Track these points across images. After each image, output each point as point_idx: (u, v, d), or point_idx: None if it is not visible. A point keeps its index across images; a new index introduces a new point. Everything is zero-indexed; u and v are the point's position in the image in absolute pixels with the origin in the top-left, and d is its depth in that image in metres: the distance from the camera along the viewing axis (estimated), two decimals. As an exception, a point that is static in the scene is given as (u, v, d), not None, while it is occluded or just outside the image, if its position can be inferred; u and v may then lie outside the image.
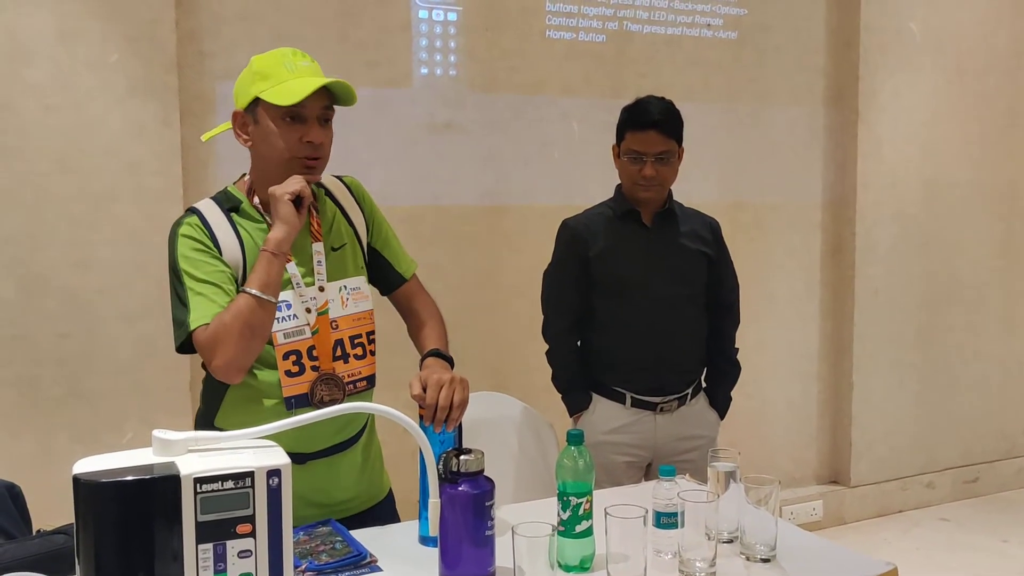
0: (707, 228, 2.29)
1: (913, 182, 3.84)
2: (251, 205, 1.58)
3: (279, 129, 1.51)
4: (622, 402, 2.22)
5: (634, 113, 2.17)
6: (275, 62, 1.52)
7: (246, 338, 1.44)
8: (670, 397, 2.23)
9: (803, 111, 3.69)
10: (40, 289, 2.48)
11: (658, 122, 2.13)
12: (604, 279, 2.21)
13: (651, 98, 2.19)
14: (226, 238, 1.53)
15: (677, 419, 2.24)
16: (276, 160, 1.53)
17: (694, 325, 2.27)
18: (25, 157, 2.44)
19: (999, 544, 3.57)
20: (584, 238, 2.22)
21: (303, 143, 1.52)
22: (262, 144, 1.54)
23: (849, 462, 3.82)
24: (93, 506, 0.96)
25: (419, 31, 2.98)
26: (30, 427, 2.49)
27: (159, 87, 2.56)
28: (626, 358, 2.22)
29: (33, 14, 2.42)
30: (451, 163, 3.06)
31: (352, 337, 1.60)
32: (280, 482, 1.03)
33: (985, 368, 4.09)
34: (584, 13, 3.22)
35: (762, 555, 1.42)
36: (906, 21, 3.73)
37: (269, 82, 1.50)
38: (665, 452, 2.22)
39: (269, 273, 1.45)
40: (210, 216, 1.55)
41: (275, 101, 1.49)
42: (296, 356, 1.53)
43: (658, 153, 2.13)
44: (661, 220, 2.23)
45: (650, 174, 2.13)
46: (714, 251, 2.27)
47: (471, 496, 1.28)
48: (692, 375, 2.28)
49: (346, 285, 1.61)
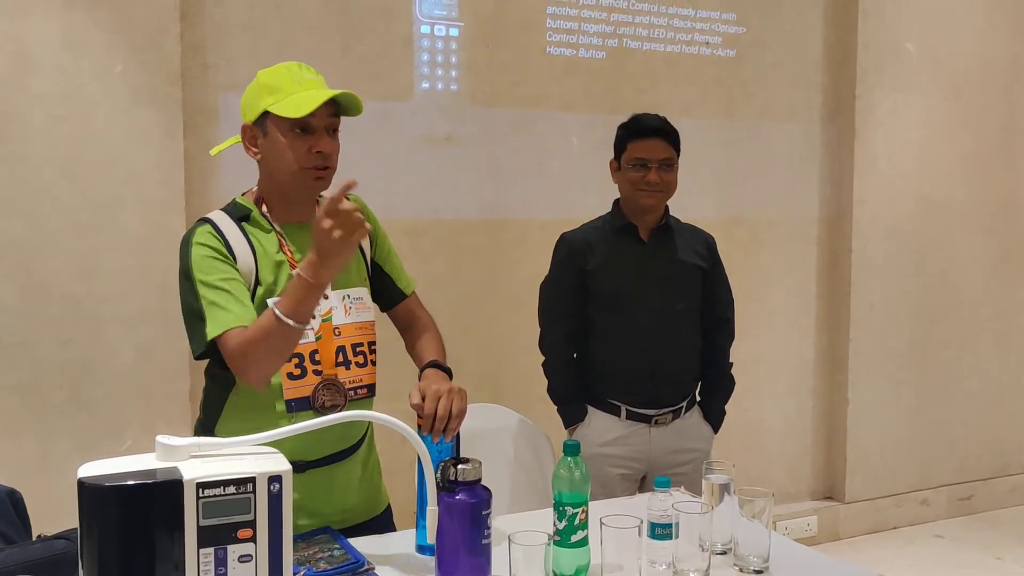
0: (703, 243, 2.32)
1: (909, 198, 3.86)
2: (260, 214, 1.60)
3: (288, 141, 1.53)
4: (617, 415, 2.24)
5: (636, 124, 2.23)
6: (282, 76, 1.54)
7: (274, 356, 1.46)
8: (665, 410, 2.24)
9: (800, 127, 3.72)
10: (43, 296, 2.50)
11: (661, 130, 2.20)
12: (601, 293, 2.23)
13: (648, 114, 2.26)
14: (239, 246, 1.55)
15: (672, 432, 2.26)
16: (286, 171, 1.55)
17: (689, 339, 2.29)
18: (30, 165, 2.46)
19: (993, 561, 3.57)
20: (582, 252, 2.24)
21: (312, 154, 1.54)
22: (272, 156, 1.56)
23: (844, 478, 3.82)
24: (97, 509, 0.98)
25: (421, 46, 3.01)
26: (31, 433, 2.50)
27: (163, 98, 2.59)
28: (622, 371, 2.24)
29: (39, 24, 2.45)
30: (451, 176, 3.08)
31: (354, 345, 1.62)
32: (281, 488, 1.04)
33: (980, 384, 4.10)
34: (584, 30, 3.26)
35: (755, 567, 1.43)
36: (902, 39, 3.77)
37: (277, 95, 1.52)
38: (659, 465, 2.24)
39: (302, 301, 1.42)
40: (223, 225, 1.57)
41: (285, 114, 1.51)
42: (299, 359, 1.54)
43: (662, 159, 2.18)
44: (658, 235, 2.25)
45: (655, 179, 2.17)
46: (709, 266, 2.30)
47: (468, 505, 1.29)
48: (687, 388, 2.30)
49: (349, 295, 1.63)
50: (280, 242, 1.59)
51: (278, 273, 1.57)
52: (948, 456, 4.06)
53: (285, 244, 1.59)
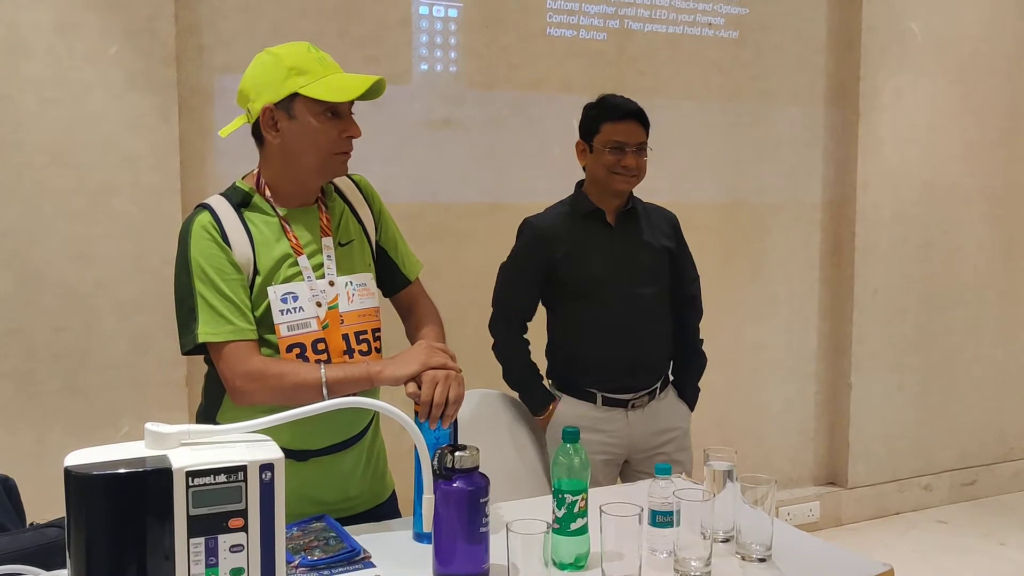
0: (667, 223, 2.30)
1: (913, 183, 3.83)
2: (263, 199, 1.56)
3: (321, 124, 1.50)
4: (593, 401, 2.22)
5: (609, 106, 2.19)
6: (304, 57, 1.50)
7: (280, 399, 1.45)
8: (640, 393, 2.22)
9: (804, 111, 3.68)
10: (37, 283, 2.48)
11: (639, 112, 2.17)
12: (570, 281, 2.20)
13: (620, 96, 2.22)
14: (236, 234, 1.51)
15: (649, 414, 2.24)
16: (315, 155, 1.52)
17: (662, 322, 2.27)
18: (23, 150, 2.43)
19: (996, 547, 3.56)
20: (549, 239, 2.20)
21: (343, 139, 1.53)
22: (300, 140, 1.51)
23: (847, 463, 3.81)
24: (84, 498, 0.96)
25: (419, 27, 2.97)
26: (26, 421, 2.48)
27: (158, 81, 2.55)
28: (596, 359, 2.20)
29: (32, 7, 2.41)
30: (450, 160, 3.05)
31: (358, 333, 1.59)
32: (273, 476, 1.02)
33: (984, 370, 4.08)
34: (585, 11, 3.22)
35: (758, 555, 1.41)
36: (908, 21, 3.73)
37: (307, 77, 1.48)
38: (640, 448, 2.23)
39: (351, 379, 1.46)
40: (221, 212, 1.53)
41: (323, 97, 1.48)
42: (300, 349, 1.52)
43: (638, 143, 2.15)
44: (625, 219, 2.23)
45: (631, 163, 2.14)
46: (675, 245, 2.28)
47: (466, 492, 1.28)
48: (660, 370, 2.28)
49: (352, 281, 1.60)
50: (284, 228, 1.55)
51: (278, 261, 1.53)
52: (951, 442, 4.04)
53: (289, 230, 1.56)
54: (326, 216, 1.60)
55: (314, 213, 1.60)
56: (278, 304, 1.51)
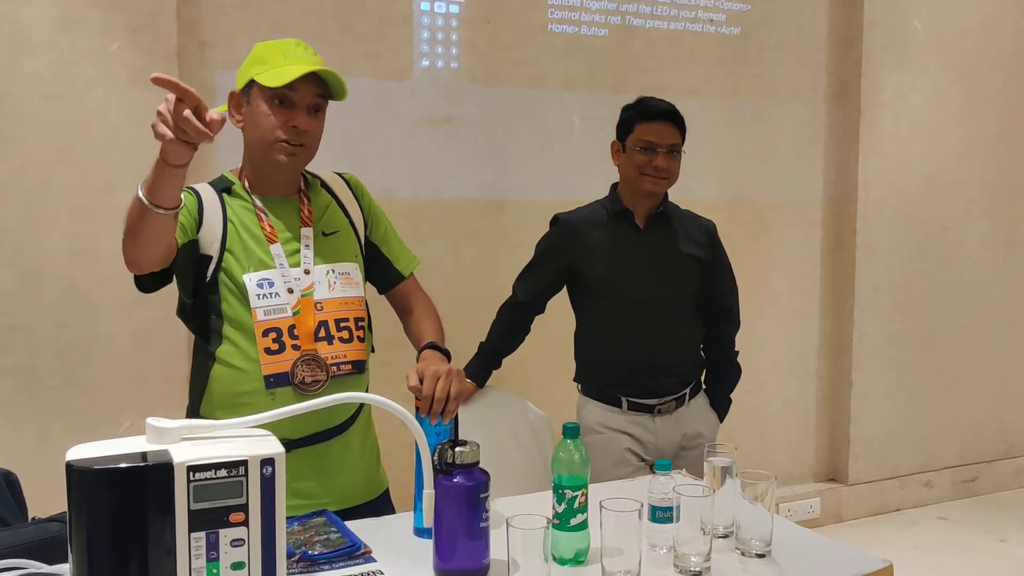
0: (702, 231, 2.27)
1: (915, 180, 3.83)
2: (242, 188, 1.63)
3: (269, 110, 1.55)
4: (618, 406, 2.21)
5: (646, 106, 2.18)
6: (275, 49, 1.58)
7: (130, 235, 1.46)
8: (667, 399, 2.21)
9: (805, 108, 3.68)
10: (39, 279, 2.48)
11: (672, 113, 2.16)
12: (593, 280, 2.20)
13: (656, 98, 2.22)
14: (211, 212, 1.59)
15: (675, 420, 2.23)
16: (260, 141, 1.57)
17: (685, 327, 2.25)
18: (24, 147, 2.44)
19: (997, 544, 3.57)
20: (574, 235, 2.21)
21: (287, 127, 1.56)
22: (251, 125, 1.59)
23: (847, 460, 3.82)
24: (86, 493, 0.96)
25: (420, 23, 2.97)
26: (27, 416, 2.49)
27: (159, 77, 2.55)
28: (618, 361, 2.20)
29: (33, 3, 2.41)
30: (451, 157, 3.05)
31: (338, 320, 1.60)
32: (274, 471, 1.02)
33: (984, 367, 4.08)
34: (587, 7, 3.22)
35: (757, 550, 1.41)
36: (910, 18, 3.72)
37: (265, 66, 1.55)
38: (666, 454, 2.20)
39: (154, 178, 1.41)
40: (203, 191, 1.62)
41: (266, 83, 1.53)
42: (276, 334, 1.55)
43: (671, 145, 2.14)
44: (655, 222, 2.21)
45: (662, 164, 2.13)
46: (708, 255, 2.25)
47: (466, 488, 1.28)
48: (688, 376, 2.26)
49: (335, 269, 1.63)
50: (259, 216, 1.60)
51: (251, 245, 1.58)
52: (952, 438, 4.04)
53: (264, 219, 1.60)
54: (308, 207, 1.64)
55: (294, 203, 1.64)
56: (254, 289, 1.55)
